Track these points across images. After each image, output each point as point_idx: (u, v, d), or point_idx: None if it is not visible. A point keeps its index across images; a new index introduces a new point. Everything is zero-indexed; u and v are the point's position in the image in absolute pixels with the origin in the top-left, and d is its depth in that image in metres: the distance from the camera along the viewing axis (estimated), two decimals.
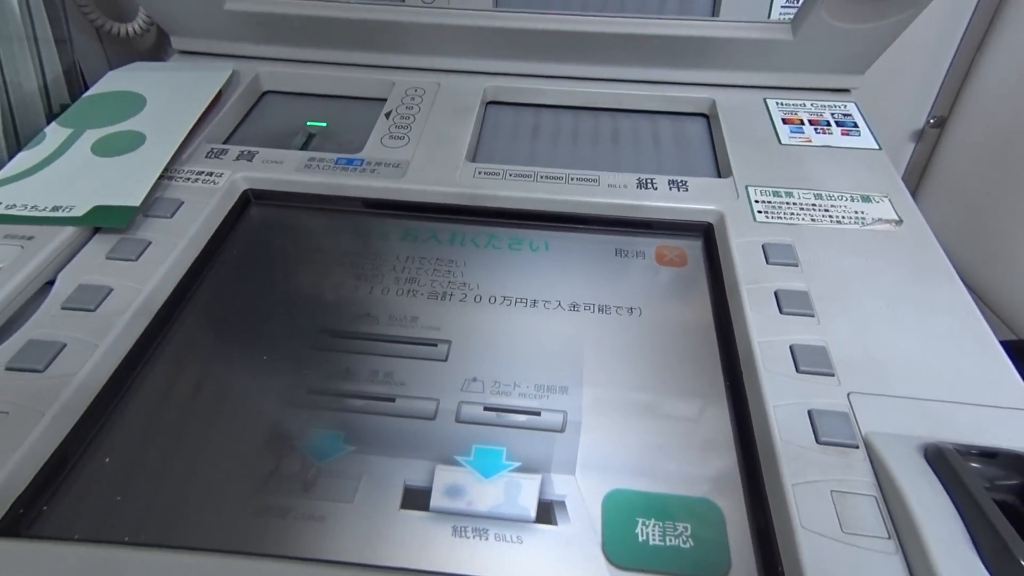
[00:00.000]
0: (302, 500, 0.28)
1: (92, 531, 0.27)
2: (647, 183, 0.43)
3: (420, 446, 0.30)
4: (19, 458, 0.27)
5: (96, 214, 0.38)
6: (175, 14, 0.53)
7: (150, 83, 0.50)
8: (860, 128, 0.49)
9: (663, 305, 0.38)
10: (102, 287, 0.34)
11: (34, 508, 0.27)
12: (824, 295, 0.35)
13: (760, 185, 0.43)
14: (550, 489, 0.29)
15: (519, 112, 0.53)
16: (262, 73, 0.54)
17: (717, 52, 0.50)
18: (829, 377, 0.31)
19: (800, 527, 0.25)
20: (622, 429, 0.31)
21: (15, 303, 0.34)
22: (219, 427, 0.31)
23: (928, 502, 0.24)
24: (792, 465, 0.27)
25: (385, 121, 0.49)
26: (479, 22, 0.50)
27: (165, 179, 0.42)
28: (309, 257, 0.41)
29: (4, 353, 0.30)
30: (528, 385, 0.33)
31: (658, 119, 0.53)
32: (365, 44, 0.53)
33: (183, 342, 0.35)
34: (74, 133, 0.44)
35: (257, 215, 0.44)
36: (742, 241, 0.39)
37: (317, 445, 0.30)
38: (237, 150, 0.45)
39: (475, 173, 0.44)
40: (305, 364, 0.34)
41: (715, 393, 0.33)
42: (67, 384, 0.29)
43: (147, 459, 0.29)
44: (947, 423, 0.29)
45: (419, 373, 0.33)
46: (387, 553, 0.26)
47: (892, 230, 0.40)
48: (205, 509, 0.28)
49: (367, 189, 0.43)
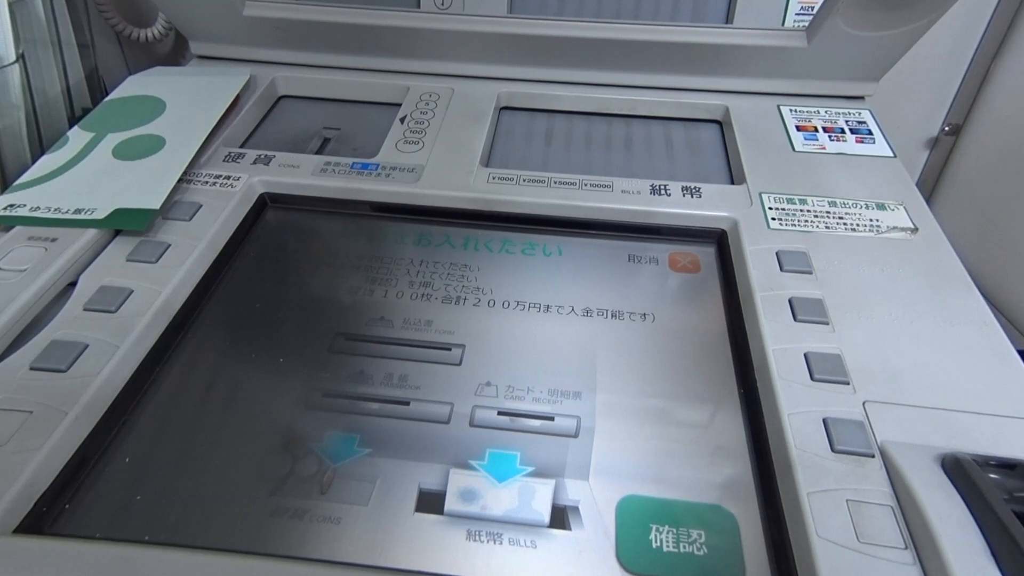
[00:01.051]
0: (318, 502, 0.28)
1: (113, 529, 0.27)
2: (661, 189, 0.43)
3: (434, 450, 0.30)
4: (43, 457, 0.27)
5: (117, 217, 0.38)
6: (194, 19, 0.54)
7: (169, 88, 0.50)
8: (875, 135, 0.49)
9: (676, 311, 0.38)
10: (123, 289, 0.35)
11: (57, 506, 0.27)
12: (839, 303, 0.35)
13: (774, 192, 0.43)
14: (564, 494, 0.29)
15: (533, 117, 0.53)
16: (278, 78, 0.55)
17: (731, 59, 0.50)
18: (844, 385, 0.31)
19: (816, 536, 0.25)
20: (635, 435, 0.31)
21: (39, 304, 0.34)
22: (236, 428, 0.31)
23: (946, 513, 0.24)
24: (807, 473, 0.27)
25: (400, 126, 0.49)
26: (493, 28, 0.51)
27: (184, 182, 0.42)
28: (324, 260, 0.41)
29: (28, 353, 0.31)
30: (542, 390, 0.33)
31: (671, 125, 0.53)
32: (380, 49, 0.54)
33: (201, 343, 0.35)
34: (96, 137, 0.45)
35: (273, 218, 0.44)
36: (756, 248, 0.39)
37: (333, 447, 0.30)
38: (254, 154, 0.46)
39: (489, 178, 0.44)
40: (320, 367, 0.34)
41: (729, 400, 0.33)
42: (89, 384, 0.30)
43: (166, 459, 0.30)
44: (964, 433, 0.29)
45: (433, 377, 0.34)
46: (401, 556, 0.27)
47: (907, 238, 0.40)
48: (222, 509, 0.28)
49: (382, 193, 0.43)
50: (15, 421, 0.28)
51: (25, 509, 0.26)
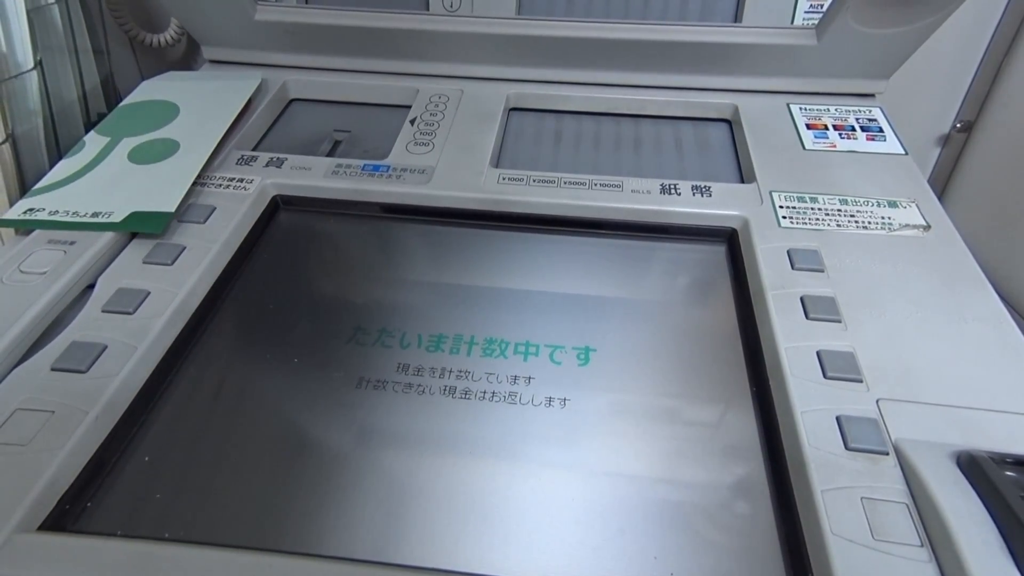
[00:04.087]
0: (336, 499, 0.29)
1: (133, 527, 0.28)
2: (671, 189, 0.43)
3: (446, 431, 0.31)
4: (65, 455, 0.28)
5: (134, 220, 0.39)
6: (206, 24, 0.54)
7: (183, 92, 0.51)
8: (886, 133, 0.49)
9: (688, 310, 0.38)
10: (140, 291, 0.35)
11: (79, 504, 0.28)
12: (851, 301, 0.35)
13: (784, 191, 0.43)
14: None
15: (542, 118, 0.54)
16: (289, 81, 0.55)
17: (740, 58, 0.50)
18: (857, 383, 0.31)
19: (830, 534, 0.25)
20: (647, 434, 0.31)
21: (59, 306, 0.35)
22: (252, 426, 0.32)
23: (962, 510, 0.24)
24: (821, 472, 0.27)
25: (410, 128, 0.49)
26: (502, 29, 0.51)
27: (198, 185, 0.43)
28: (336, 261, 0.42)
29: (49, 354, 0.32)
30: (549, 385, 0.33)
31: (681, 125, 0.53)
32: (390, 52, 0.54)
33: (217, 343, 0.36)
34: (112, 141, 0.46)
35: (286, 220, 0.45)
36: (767, 247, 0.39)
37: (351, 442, 0.31)
38: (266, 157, 0.46)
39: (499, 179, 0.44)
40: (334, 365, 0.34)
41: (742, 398, 0.33)
42: (109, 384, 0.30)
43: (184, 457, 0.30)
44: (979, 430, 0.29)
45: (442, 363, 0.34)
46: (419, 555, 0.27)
47: (920, 235, 0.40)
48: (240, 507, 0.28)
49: (393, 195, 0.44)
50: (38, 421, 0.29)
51: (48, 507, 0.27)
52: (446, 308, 0.38)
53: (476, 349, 0.35)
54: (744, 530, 0.28)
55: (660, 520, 0.28)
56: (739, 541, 0.27)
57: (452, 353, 0.35)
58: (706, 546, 0.27)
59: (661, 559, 0.27)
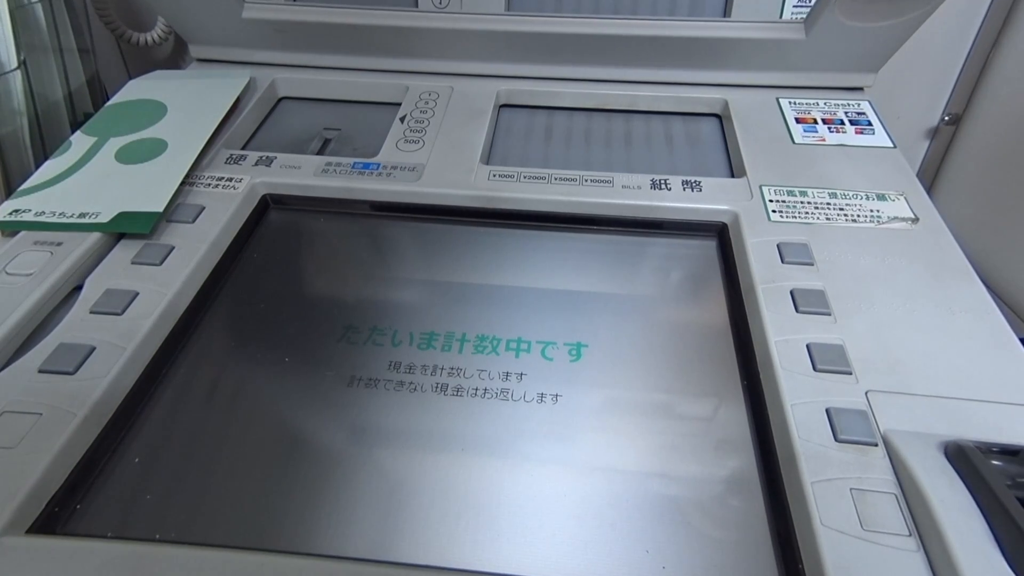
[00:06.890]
0: (329, 497, 0.28)
1: (123, 529, 0.27)
2: (661, 184, 0.43)
3: (438, 428, 0.31)
4: (53, 458, 0.27)
5: (121, 220, 0.39)
6: (193, 23, 0.54)
7: (170, 91, 0.51)
8: (874, 126, 0.49)
9: (679, 305, 0.38)
10: (128, 291, 0.35)
11: (68, 507, 0.28)
12: (840, 294, 0.35)
13: (774, 184, 0.43)
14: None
15: (532, 115, 0.53)
16: (278, 80, 0.55)
17: (729, 52, 0.51)
18: (847, 375, 0.31)
19: (820, 525, 0.25)
20: (638, 428, 0.31)
21: (46, 307, 0.35)
22: (244, 426, 0.32)
23: (950, 500, 0.24)
24: (811, 463, 0.27)
25: (400, 125, 0.49)
26: (491, 26, 0.51)
27: (186, 185, 0.43)
28: (327, 260, 0.41)
29: (37, 356, 0.31)
30: (540, 382, 0.33)
31: (671, 120, 0.53)
32: (379, 49, 0.54)
33: (207, 344, 0.36)
34: (98, 141, 0.45)
35: (276, 219, 0.44)
36: (757, 241, 0.39)
37: (343, 441, 0.31)
38: (255, 156, 0.46)
39: (490, 176, 0.44)
40: (325, 364, 0.34)
41: (732, 392, 0.33)
42: (97, 386, 0.30)
43: (174, 458, 0.30)
44: (967, 421, 0.29)
45: (434, 360, 0.34)
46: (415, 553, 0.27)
47: (908, 228, 0.40)
48: (232, 507, 0.28)
49: (383, 192, 0.44)
50: (26, 423, 0.28)
51: (37, 509, 0.26)
52: (437, 306, 0.38)
53: (468, 346, 0.35)
54: (735, 522, 0.28)
55: (652, 514, 0.28)
56: (730, 533, 0.28)
57: (444, 350, 0.35)
58: (698, 539, 0.27)
59: (653, 552, 0.27)
